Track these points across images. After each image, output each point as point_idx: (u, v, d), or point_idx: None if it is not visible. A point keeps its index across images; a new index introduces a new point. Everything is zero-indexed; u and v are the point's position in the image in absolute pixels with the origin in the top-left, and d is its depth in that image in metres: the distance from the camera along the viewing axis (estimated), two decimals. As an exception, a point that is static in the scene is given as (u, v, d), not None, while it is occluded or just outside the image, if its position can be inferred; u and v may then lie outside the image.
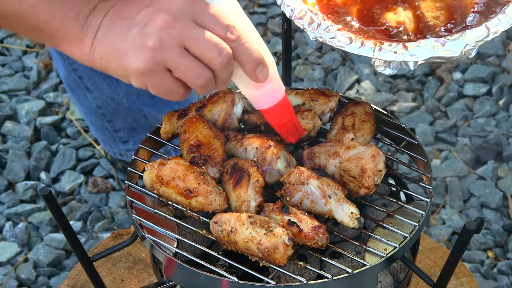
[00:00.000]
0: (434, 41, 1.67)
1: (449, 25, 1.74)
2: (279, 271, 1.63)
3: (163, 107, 2.92)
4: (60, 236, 3.02)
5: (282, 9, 1.81)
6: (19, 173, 3.30)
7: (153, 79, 1.55)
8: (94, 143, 3.43)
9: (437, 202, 3.16)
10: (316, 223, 1.64)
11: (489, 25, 1.67)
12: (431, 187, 1.82)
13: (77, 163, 3.36)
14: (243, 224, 1.62)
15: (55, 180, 3.31)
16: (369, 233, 1.72)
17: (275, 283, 1.59)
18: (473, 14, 1.75)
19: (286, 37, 2.10)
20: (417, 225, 1.71)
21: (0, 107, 3.60)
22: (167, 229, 1.73)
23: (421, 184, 1.85)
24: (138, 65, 1.52)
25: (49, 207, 1.68)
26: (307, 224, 1.64)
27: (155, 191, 1.78)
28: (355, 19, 1.79)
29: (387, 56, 1.68)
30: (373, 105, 1.97)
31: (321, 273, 1.62)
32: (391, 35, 1.75)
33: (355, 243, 1.70)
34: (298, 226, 1.63)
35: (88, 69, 2.80)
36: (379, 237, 1.70)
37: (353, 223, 1.67)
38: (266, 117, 1.79)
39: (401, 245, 1.67)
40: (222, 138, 1.85)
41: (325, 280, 1.59)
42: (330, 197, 1.69)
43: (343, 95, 2.03)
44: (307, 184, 1.71)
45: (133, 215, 1.75)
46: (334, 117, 1.94)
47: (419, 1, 1.80)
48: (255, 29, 1.66)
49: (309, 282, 1.58)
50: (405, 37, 1.73)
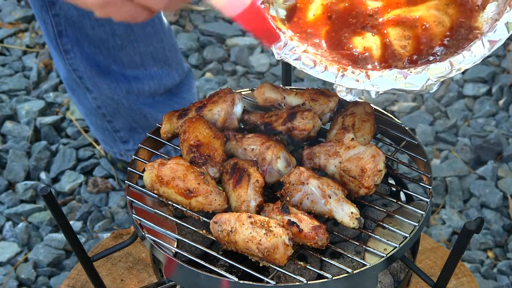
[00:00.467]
0: (397, 72, 1.65)
1: (414, 56, 1.73)
2: (279, 271, 1.63)
3: (163, 107, 2.92)
4: (60, 236, 3.02)
5: None
6: (19, 173, 3.30)
7: (114, 10, 1.57)
8: (94, 143, 3.42)
9: (437, 202, 3.16)
10: (316, 223, 1.64)
11: (453, 61, 1.65)
12: (431, 187, 1.82)
13: (77, 163, 3.36)
14: (243, 224, 1.62)
15: (55, 180, 3.31)
16: (369, 233, 1.72)
17: (275, 283, 1.59)
18: (440, 47, 1.74)
19: (286, 37, 2.10)
20: (417, 225, 1.71)
21: (0, 107, 3.60)
22: (167, 229, 1.73)
23: (421, 184, 1.85)
24: (96, 0, 1.55)
25: (49, 207, 1.68)
26: (307, 224, 1.64)
27: (155, 191, 1.78)
28: (323, 41, 1.79)
29: (348, 83, 1.67)
30: (373, 105, 1.96)
31: (321, 273, 1.62)
32: (355, 60, 1.74)
33: (355, 243, 1.70)
34: (298, 226, 1.63)
35: (88, 69, 2.80)
36: (379, 237, 1.70)
37: (353, 223, 1.67)
38: (240, 23, 1.76)
39: (401, 245, 1.67)
40: (222, 138, 1.85)
41: (325, 280, 1.59)
42: (330, 197, 1.69)
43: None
44: (307, 184, 1.71)
45: (133, 215, 1.75)
46: (334, 117, 1.94)
47: (388, 28, 1.79)
48: None
49: (309, 282, 1.58)
50: (369, 66, 1.73)
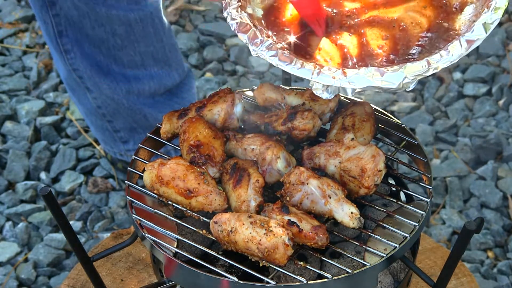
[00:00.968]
0: (374, 70, 1.65)
1: (391, 56, 1.73)
2: (279, 271, 1.63)
3: (163, 107, 2.92)
4: (60, 236, 3.02)
5: (227, 21, 1.80)
6: (19, 173, 3.30)
7: None
8: (94, 143, 3.43)
9: (437, 202, 3.16)
10: (316, 223, 1.64)
11: (431, 60, 1.65)
12: (431, 187, 1.82)
13: (77, 163, 3.36)
14: (243, 224, 1.62)
15: (55, 180, 3.31)
16: (369, 233, 1.72)
17: (275, 283, 1.59)
18: (417, 47, 1.74)
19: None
20: (417, 225, 1.71)
21: (0, 107, 3.60)
22: (167, 229, 1.73)
23: (421, 184, 1.85)
24: None
25: (49, 207, 1.68)
26: (307, 224, 1.64)
27: (155, 191, 1.78)
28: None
29: (325, 80, 1.66)
30: (373, 105, 1.96)
31: (321, 273, 1.62)
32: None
33: (355, 243, 1.70)
34: (298, 226, 1.63)
35: (88, 69, 2.80)
36: (379, 237, 1.70)
37: (353, 223, 1.67)
38: (296, 8, 1.77)
39: (401, 245, 1.67)
40: (222, 138, 1.85)
41: (325, 280, 1.59)
42: (330, 197, 1.69)
43: (343, 95, 2.02)
44: (307, 184, 1.71)
45: (133, 215, 1.75)
46: (334, 117, 1.94)
47: (365, 29, 1.79)
48: None
49: (309, 282, 1.58)
50: (350, 63, 1.72)
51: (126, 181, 1.84)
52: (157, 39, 2.81)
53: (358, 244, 1.70)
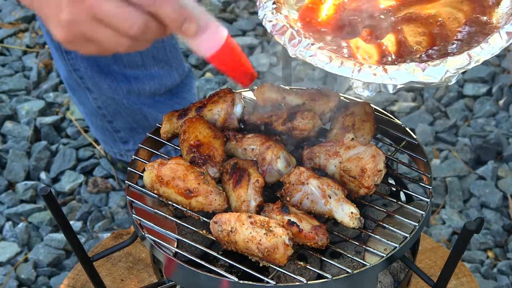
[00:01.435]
0: (414, 65, 1.65)
1: (430, 51, 1.73)
2: (279, 271, 1.63)
3: (164, 107, 2.92)
4: (60, 236, 3.02)
5: (263, 24, 1.81)
6: (19, 173, 3.30)
7: (78, 47, 1.58)
8: (94, 143, 3.43)
9: (437, 202, 3.16)
10: (316, 223, 1.64)
11: (472, 53, 1.66)
12: (431, 187, 1.82)
13: (77, 163, 3.36)
14: (243, 224, 1.62)
15: (55, 180, 3.31)
16: (369, 233, 1.72)
17: (275, 283, 1.59)
18: (456, 41, 1.74)
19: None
20: (417, 225, 1.71)
21: (0, 107, 3.60)
22: (167, 229, 1.73)
23: (421, 184, 1.85)
24: (59, 37, 1.55)
25: (49, 207, 1.68)
26: (307, 224, 1.64)
27: (155, 191, 1.78)
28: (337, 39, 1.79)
29: (366, 77, 1.66)
30: (373, 105, 1.96)
31: (321, 273, 1.62)
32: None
33: (355, 243, 1.70)
34: (298, 226, 1.63)
35: (89, 69, 2.80)
36: (379, 237, 1.70)
37: (353, 223, 1.67)
38: (214, 64, 1.70)
39: (401, 245, 1.67)
40: (222, 138, 1.85)
41: (325, 280, 1.59)
42: (330, 197, 1.69)
43: (343, 95, 2.03)
44: (307, 184, 1.71)
45: (133, 215, 1.75)
46: (334, 117, 1.94)
47: (402, 26, 1.79)
48: None
49: (309, 282, 1.58)
50: (389, 59, 1.73)
51: (126, 181, 1.84)
52: (158, 39, 2.80)
53: (358, 244, 1.70)
